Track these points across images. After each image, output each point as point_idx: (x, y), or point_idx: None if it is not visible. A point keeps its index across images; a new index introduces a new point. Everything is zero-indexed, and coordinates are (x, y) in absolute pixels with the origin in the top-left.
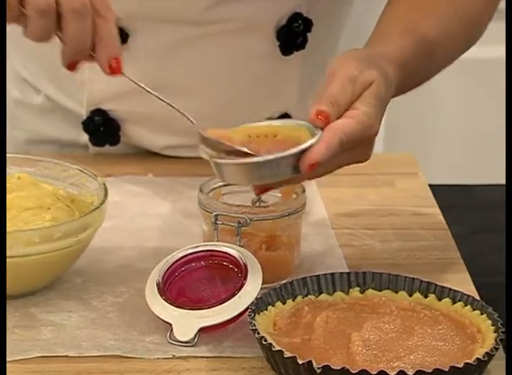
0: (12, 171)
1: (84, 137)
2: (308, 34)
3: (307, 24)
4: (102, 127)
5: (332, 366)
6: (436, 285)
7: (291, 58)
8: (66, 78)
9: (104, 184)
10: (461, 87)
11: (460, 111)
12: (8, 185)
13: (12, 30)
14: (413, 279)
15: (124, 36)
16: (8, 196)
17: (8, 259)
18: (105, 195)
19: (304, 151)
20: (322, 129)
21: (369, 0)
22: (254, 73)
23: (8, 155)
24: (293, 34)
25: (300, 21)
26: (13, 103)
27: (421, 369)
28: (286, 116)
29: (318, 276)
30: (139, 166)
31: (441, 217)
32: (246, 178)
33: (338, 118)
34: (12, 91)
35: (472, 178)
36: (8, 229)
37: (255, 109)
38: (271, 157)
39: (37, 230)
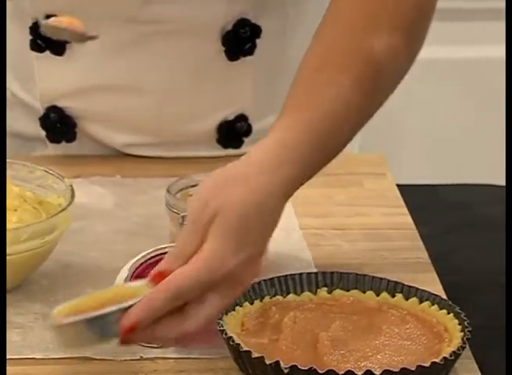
0: None
1: (43, 133)
2: (258, 40)
3: (256, 30)
4: (58, 124)
5: (299, 366)
6: (403, 285)
7: (240, 63)
8: (26, 74)
9: (71, 186)
10: (431, 86)
11: (430, 110)
12: None
13: None
14: (380, 279)
15: (63, 44)
16: None
17: None
18: (72, 197)
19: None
20: None
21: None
22: (202, 75)
23: None
24: (239, 40)
25: (247, 27)
26: None
27: (388, 368)
28: (242, 116)
29: (286, 276)
30: (107, 166)
31: (409, 217)
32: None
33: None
34: None
35: (439, 178)
36: None
37: (208, 110)
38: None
39: None
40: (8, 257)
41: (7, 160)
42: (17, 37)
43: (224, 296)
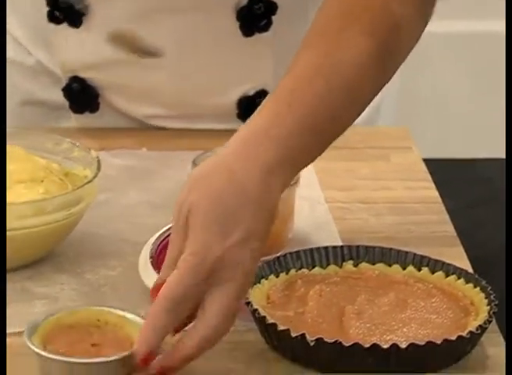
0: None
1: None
2: (275, 17)
3: (271, 7)
4: (81, 94)
5: (325, 339)
6: (430, 259)
7: (257, 39)
8: (48, 46)
9: (98, 158)
10: (458, 58)
11: (456, 83)
12: None
13: None
14: (406, 252)
15: (84, 7)
16: None
17: None
18: (98, 169)
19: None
20: None
21: None
22: (220, 50)
23: None
24: (254, 16)
25: (261, 3)
26: (8, 63)
27: (414, 341)
28: (263, 92)
29: (312, 249)
30: (133, 139)
31: (435, 191)
32: None
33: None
34: (8, 51)
35: (467, 152)
36: None
37: (228, 85)
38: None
39: (29, 203)
40: (34, 228)
41: (33, 131)
42: (38, 5)
43: (229, 287)
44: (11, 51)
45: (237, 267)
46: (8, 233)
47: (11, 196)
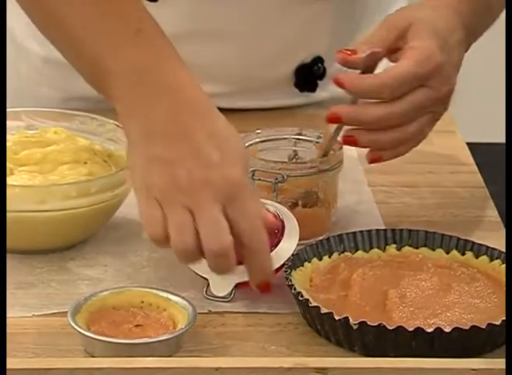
0: (48, 125)
1: None
2: None
3: None
4: None
5: (368, 323)
6: (474, 243)
7: (319, 3)
8: None
9: None
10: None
11: (500, 68)
12: (44, 139)
13: None
14: (450, 236)
15: None
16: (45, 150)
17: (44, 213)
18: None
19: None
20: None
21: None
22: (284, 18)
23: (44, 109)
24: None
25: None
26: (39, 61)
27: (458, 326)
28: (318, 59)
29: (355, 233)
30: None
31: (478, 175)
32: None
33: None
34: (36, 48)
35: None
36: (44, 183)
37: (288, 53)
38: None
39: (73, 184)
40: (77, 209)
41: (76, 113)
42: None
43: (434, 90)
44: (42, 49)
45: (445, 82)
46: (51, 213)
47: (54, 177)
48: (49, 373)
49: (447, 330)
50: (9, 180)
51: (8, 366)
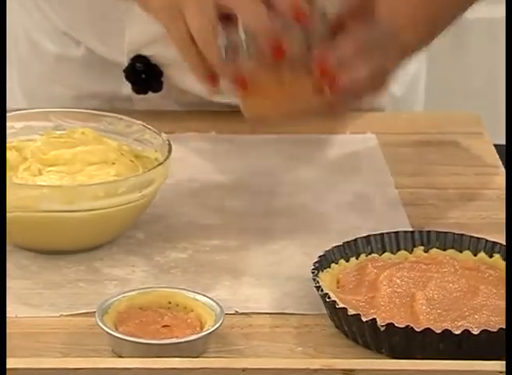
0: (76, 126)
1: (126, 89)
2: None
3: None
4: (144, 74)
5: (396, 324)
6: (501, 245)
7: None
8: (105, 27)
9: (168, 141)
10: None
11: None
12: (72, 140)
13: None
14: (478, 239)
15: None
16: (72, 151)
17: (72, 214)
18: (169, 151)
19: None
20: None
21: None
22: None
23: (72, 109)
24: None
25: None
26: (53, 58)
27: (486, 328)
28: None
29: (382, 234)
30: (201, 123)
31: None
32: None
33: None
34: (49, 45)
35: None
36: (71, 183)
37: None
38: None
39: (101, 184)
40: (105, 210)
41: (104, 114)
42: None
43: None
44: (56, 46)
45: None
46: (79, 214)
47: (82, 178)
48: (77, 373)
49: (475, 332)
50: (37, 181)
51: (35, 366)
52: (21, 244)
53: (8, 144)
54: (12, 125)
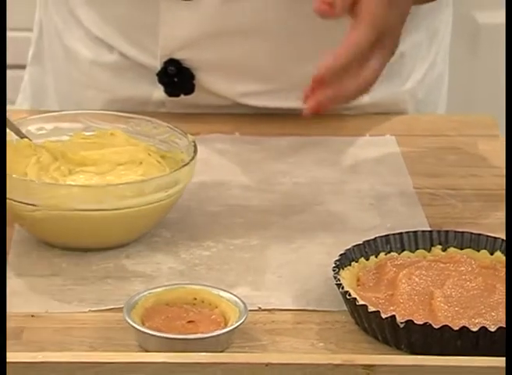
0: (104, 127)
1: (157, 93)
2: None
3: None
4: (176, 78)
5: (414, 321)
6: None
7: None
8: (139, 33)
9: (194, 142)
10: None
11: None
12: (101, 141)
13: None
14: (494, 238)
15: None
16: (101, 151)
17: (100, 212)
18: (195, 152)
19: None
20: None
21: None
22: (313, 12)
23: (101, 111)
24: None
25: None
26: (87, 63)
27: (502, 325)
28: None
29: (401, 233)
30: (226, 125)
31: None
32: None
33: None
34: (83, 51)
35: None
36: (100, 183)
37: (320, 49)
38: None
39: (129, 184)
40: (133, 208)
41: (132, 116)
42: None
43: (387, 47)
44: (89, 52)
45: (395, 38)
46: (107, 212)
47: (111, 177)
48: (104, 367)
49: (492, 329)
50: (68, 180)
51: (64, 359)
52: (51, 241)
53: (38, 145)
54: (42, 126)
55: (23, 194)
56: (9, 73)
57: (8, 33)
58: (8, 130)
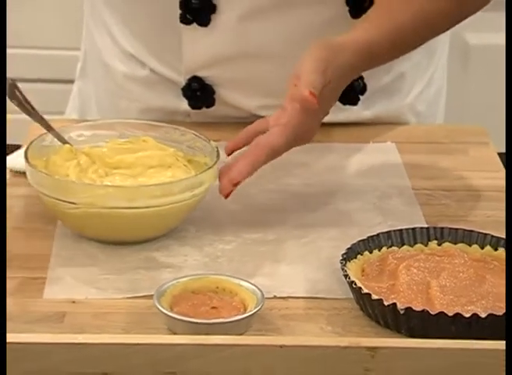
0: (137, 134)
1: (184, 105)
2: None
3: None
4: (199, 92)
5: (413, 308)
6: (505, 240)
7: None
8: (165, 53)
9: (217, 147)
10: None
11: None
12: (134, 147)
13: (122, 13)
14: (485, 234)
15: (213, 8)
16: (134, 155)
17: (132, 210)
18: (217, 156)
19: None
20: None
21: None
22: (320, 35)
23: (134, 120)
24: None
25: None
26: (121, 77)
27: (492, 312)
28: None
29: (401, 230)
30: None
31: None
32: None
33: None
34: (118, 66)
35: None
36: (133, 184)
37: None
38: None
39: (159, 185)
40: (162, 207)
41: (161, 124)
42: (161, 15)
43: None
44: (124, 67)
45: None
46: (139, 210)
47: (143, 179)
48: (136, 348)
49: (483, 315)
50: (104, 181)
51: (101, 341)
52: (90, 235)
53: (78, 150)
54: (81, 133)
55: (64, 194)
56: (61, 86)
57: (60, 52)
58: (52, 137)
